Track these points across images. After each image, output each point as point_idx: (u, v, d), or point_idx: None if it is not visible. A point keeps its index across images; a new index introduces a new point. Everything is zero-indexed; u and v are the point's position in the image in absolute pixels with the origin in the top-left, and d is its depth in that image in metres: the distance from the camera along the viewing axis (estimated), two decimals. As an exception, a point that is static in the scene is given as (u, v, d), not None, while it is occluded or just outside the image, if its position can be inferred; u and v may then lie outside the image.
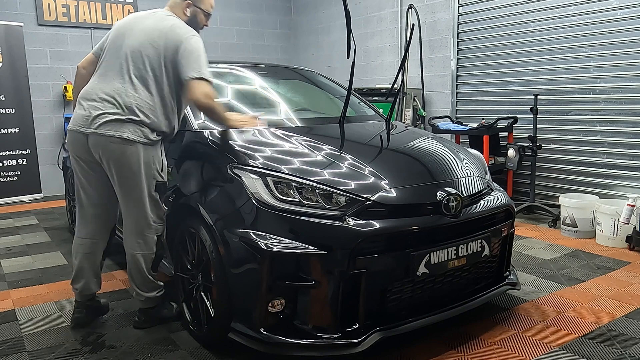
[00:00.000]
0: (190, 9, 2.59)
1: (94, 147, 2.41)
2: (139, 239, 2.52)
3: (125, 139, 2.37)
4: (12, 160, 6.07)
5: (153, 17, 2.56)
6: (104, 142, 2.38)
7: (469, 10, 5.51)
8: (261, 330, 2.09)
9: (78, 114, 2.45)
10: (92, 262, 2.63)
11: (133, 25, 2.53)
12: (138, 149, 2.41)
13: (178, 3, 2.59)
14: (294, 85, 3.73)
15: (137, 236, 2.52)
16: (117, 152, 2.38)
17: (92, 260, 2.62)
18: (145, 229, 2.51)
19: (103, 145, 2.38)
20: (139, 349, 2.41)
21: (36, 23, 6.27)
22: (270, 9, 8.00)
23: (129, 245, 2.55)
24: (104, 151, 2.39)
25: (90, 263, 2.62)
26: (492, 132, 4.96)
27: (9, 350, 2.45)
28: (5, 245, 4.28)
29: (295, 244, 2.04)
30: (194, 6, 2.59)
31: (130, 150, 2.39)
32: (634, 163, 4.37)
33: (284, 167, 2.25)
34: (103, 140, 2.37)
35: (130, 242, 2.54)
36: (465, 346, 2.38)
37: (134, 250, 2.53)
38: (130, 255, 2.55)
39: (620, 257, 3.67)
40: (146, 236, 2.52)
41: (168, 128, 2.53)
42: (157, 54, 2.44)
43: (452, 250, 2.24)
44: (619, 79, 4.39)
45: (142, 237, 2.52)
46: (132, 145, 2.39)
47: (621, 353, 2.30)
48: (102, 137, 2.37)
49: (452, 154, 2.69)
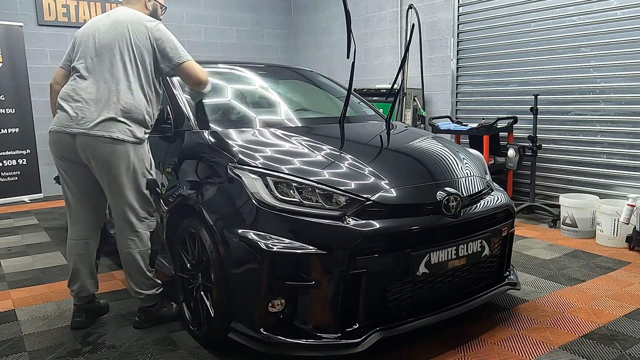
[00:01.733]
0: (151, 2, 2.72)
1: (81, 148, 2.41)
2: (132, 236, 2.53)
3: (115, 138, 2.38)
4: (12, 160, 6.07)
5: (117, 15, 2.57)
6: (93, 143, 2.38)
7: (469, 10, 5.51)
8: (261, 330, 2.09)
9: (62, 115, 2.45)
10: (86, 263, 2.63)
11: (99, 26, 2.54)
12: (127, 148, 2.42)
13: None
14: (294, 85, 3.73)
15: (130, 234, 2.53)
16: (106, 152, 2.39)
17: (86, 260, 2.62)
18: (137, 226, 2.53)
19: (92, 145, 2.38)
20: (139, 349, 2.41)
21: (36, 23, 6.28)
22: (270, 9, 8.00)
23: (123, 244, 2.55)
24: (93, 152, 2.39)
25: (84, 264, 2.62)
26: (492, 132, 4.96)
27: (9, 350, 2.45)
28: (5, 245, 4.28)
29: (295, 244, 2.04)
30: (153, 0, 2.73)
31: (119, 149, 2.40)
32: (634, 163, 4.37)
33: (284, 167, 2.25)
34: (92, 141, 2.38)
35: (124, 241, 2.55)
36: (465, 346, 2.38)
37: (129, 248, 2.54)
38: (126, 253, 2.55)
39: (620, 257, 3.67)
40: (139, 233, 2.54)
41: (150, 123, 2.56)
42: (132, 50, 2.47)
43: (452, 250, 2.24)
44: (619, 79, 4.39)
45: (135, 234, 2.53)
46: (122, 145, 2.40)
47: (621, 353, 2.30)
48: (91, 137, 2.37)
49: (452, 154, 2.69)
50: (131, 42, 2.47)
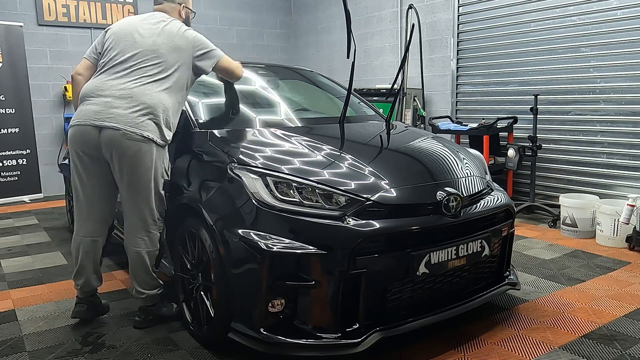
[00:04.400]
0: (184, 10, 2.85)
1: (107, 142, 2.42)
2: (144, 236, 2.54)
3: (145, 137, 2.42)
4: (12, 160, 6.07)
5: (157, 19, 2.66)
6: (119, 138, 2.40)
7: (469, 10, 5.51)
8: (261, 330, 2.09)
9: (88, 109, 2.46)
10: (92, 260, 2.64)
11: (138, 27, 2.61)
12: (152, 148, 2.46)
13: (174, 7, 2.80)
14: (294, 85, 3.73)
15: (142, 233, 2.54)
16: (133, 149, 2.41)
17: (92, 258, 2.63)
18: (151, 226, 2.55)
19: (118, 140, 2.40)
20: (139, 349, 2.41)
21: (36, 23, 6.27)
22: (270, 9, 7.99)
23: (132, 243, 2.56)
24: (117, 147, 2.41)
25: (90, 261, 2.63)
26: (492, 132, 4.95)
27: (9, 350, 2.45)
28: (6, 245, 4.28)
29: (295, 244, 2.04)
30: (186, 8, 2.87)
31: (145, 148, 2.43)
32: (634, 163, 4.37)
33: (284, 167, 2.25)
34: (120, 136, 2.40)
35: (134, 240, 2.55)
36: (465, 346, 2.38)
37: (139, 247, 2.54)
38: (135, 252, 2.55)
39: (620, 257, 3.67)
40: (151, 233, 2.55)
41: (175, 127, 2.61)
42: (172, 55, 2.56)
43: (452, 250, 2.23)
44: (619, 79, 4.39)
45: (147, 234, 2.55)
46: (148, 144, 2.44)
47: (621, 353, 2.30)
48: (120, 132, 2.39)
49: (452, 154, 2.69)
50: (172, 48, 2.57)
